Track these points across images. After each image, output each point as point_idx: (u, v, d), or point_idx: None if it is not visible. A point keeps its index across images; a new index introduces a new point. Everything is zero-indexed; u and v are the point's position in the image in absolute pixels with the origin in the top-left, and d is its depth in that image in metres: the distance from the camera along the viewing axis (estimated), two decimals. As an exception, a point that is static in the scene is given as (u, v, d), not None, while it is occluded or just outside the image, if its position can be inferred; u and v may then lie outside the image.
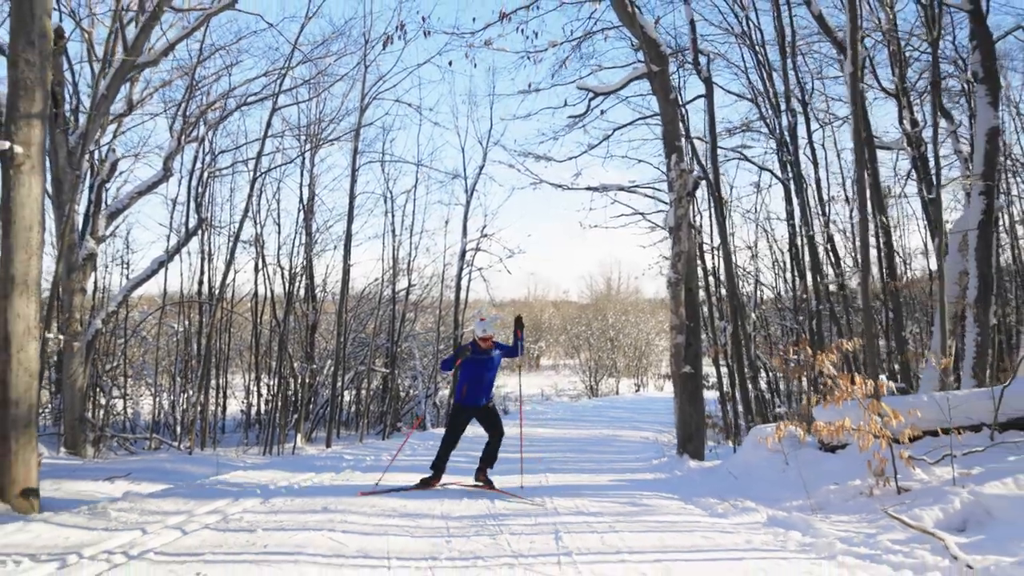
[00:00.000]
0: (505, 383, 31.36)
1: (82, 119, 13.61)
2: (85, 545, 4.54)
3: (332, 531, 5.08)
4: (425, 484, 7.54)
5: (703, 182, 14.14)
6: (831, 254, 15.65)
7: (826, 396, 6.98)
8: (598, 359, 40.89)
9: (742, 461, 8.48)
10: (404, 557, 4.42)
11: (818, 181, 16.13)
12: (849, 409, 6.81)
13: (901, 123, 13.22)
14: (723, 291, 17.12)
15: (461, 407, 7.85)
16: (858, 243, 10.03)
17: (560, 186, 16.58)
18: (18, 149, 6.58)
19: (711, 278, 18.77)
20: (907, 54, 13.87)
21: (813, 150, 15.78)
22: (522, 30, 12.72)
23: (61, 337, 12.20)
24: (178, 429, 18.61)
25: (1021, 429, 7.09)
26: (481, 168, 21.92)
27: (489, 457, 7.76)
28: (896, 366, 12.04)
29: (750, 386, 14.30)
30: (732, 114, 70.92)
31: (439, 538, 4.94)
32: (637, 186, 17.58)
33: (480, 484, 7.59)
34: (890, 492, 6.21)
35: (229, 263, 16.08)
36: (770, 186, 18.22)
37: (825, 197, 16.27)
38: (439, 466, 7.66)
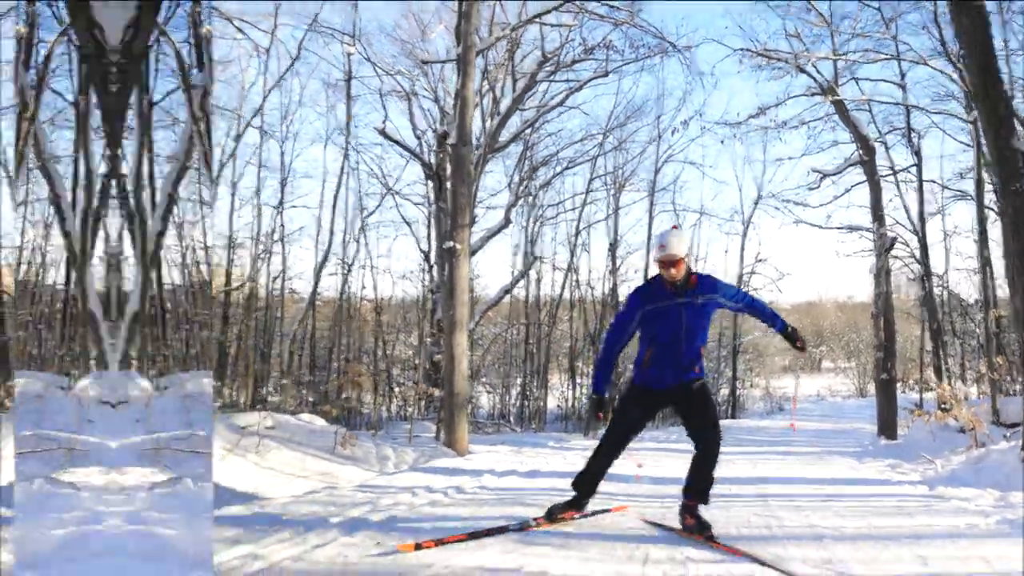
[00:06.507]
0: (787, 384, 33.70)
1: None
2: (523, 463, 8.88)
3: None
4: (552, 517, 4.66)
5: (901, 238, 16.78)
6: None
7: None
8: (866, 362, 41.88)
9: (912, 438, 11.36)
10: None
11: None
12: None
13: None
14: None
15: (640, 389, 4.73)
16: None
17: (817, 226, 19.23)
18: (458, 246, 11.25)
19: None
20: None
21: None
22: (772, 121, 16.06)
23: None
24: (511, 418, 23.88)
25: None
26: (756, 203, 24.81)
27: (699, 481, 4.52)
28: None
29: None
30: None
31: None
32: (878, 229, 19.85)
33: (686, 531, 4.42)
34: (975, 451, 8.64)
35: (559, 297, 21.01)
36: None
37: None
38: (583, 485, 4.76)
